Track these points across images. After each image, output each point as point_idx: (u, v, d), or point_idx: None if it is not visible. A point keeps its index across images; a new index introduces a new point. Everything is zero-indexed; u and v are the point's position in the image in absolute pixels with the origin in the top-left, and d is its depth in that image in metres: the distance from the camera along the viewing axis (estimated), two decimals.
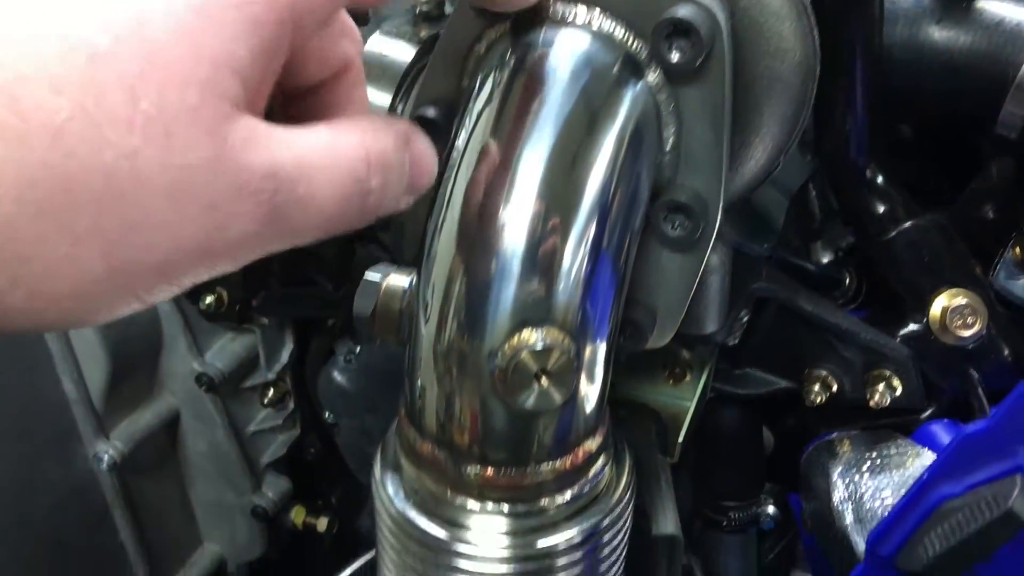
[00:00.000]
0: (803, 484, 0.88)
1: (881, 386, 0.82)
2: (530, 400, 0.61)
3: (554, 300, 0.63)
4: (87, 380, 1.07)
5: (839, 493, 0.80)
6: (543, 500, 0.68)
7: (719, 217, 0.68)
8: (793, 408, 0.95)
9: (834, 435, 0.87)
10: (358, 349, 1.20)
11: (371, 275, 0.69)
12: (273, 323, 1.17)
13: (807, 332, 0.85)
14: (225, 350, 1.18)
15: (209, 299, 1.12)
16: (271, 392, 1.23)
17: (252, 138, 0.40)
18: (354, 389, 1.21)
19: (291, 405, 1.25)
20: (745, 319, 0.91)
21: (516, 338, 0.61)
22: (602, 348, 0.66)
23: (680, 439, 0.86)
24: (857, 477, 0.81)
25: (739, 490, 1.01)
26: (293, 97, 0.49)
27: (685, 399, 0.90)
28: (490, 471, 0.66)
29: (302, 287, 1.12)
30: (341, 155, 0.43)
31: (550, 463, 0.67)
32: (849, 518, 0.78)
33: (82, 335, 1.05)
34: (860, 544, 0.75)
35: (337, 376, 1.22)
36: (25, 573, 1.05)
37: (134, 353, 1.10)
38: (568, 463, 0.67)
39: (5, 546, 1.03)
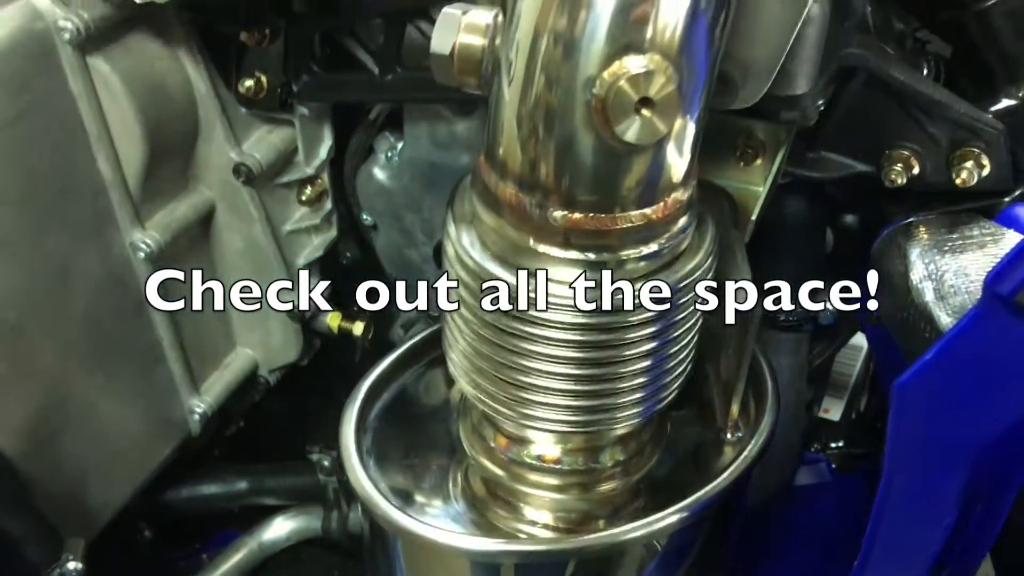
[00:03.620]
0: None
1: (969, 164, 0.79)
2: (631, 131, 0.58)
3: (656, 28, 0.58)
4: (123, 162, 1.03)
5: (918, 272, 0.78)
6: (627, 251, 0.66)
7: None
8: (864, 198, 0.92)
9: (911, 219, 0.84)
10: (399, 145, 1.15)
11: (451, 10, 0.65)
12: (312, 115, 1.12)
13: (894, 107, 0.81)
14: (263, 141, 1.14)
15: (248, 83, 1.07)
16: (308, 190, 1.19)
17: None
18: (395, 186, 1.17)
19: (328, 205, 1.22)
20: (822, 103, 0.87)
21: (617, 64, 0.57)
22: (702, 85, 0.62)
23: (753, 217, 0.83)
24: (937, 257, 0.78)
25: (799, 284, 0.98)
26: None
27: (756, 184, 0.87)
28: (577, 214, 0.63)
29: (346, 71, 1.07)
30: None
31: (639, 209, 0.64)
32: (929, 295, 0.76)
33: (119, 115, 1.00)
34: (943, 318, 0.73)
35: (378, 173, 1.18)
36: (62, 355, 1.04)
37: (171, 136, 1.06)
38: (657, 212, 0.64)
39: (43, 327, 1.01)
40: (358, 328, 1.29)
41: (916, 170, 0.82)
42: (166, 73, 1.03)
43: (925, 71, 0.92)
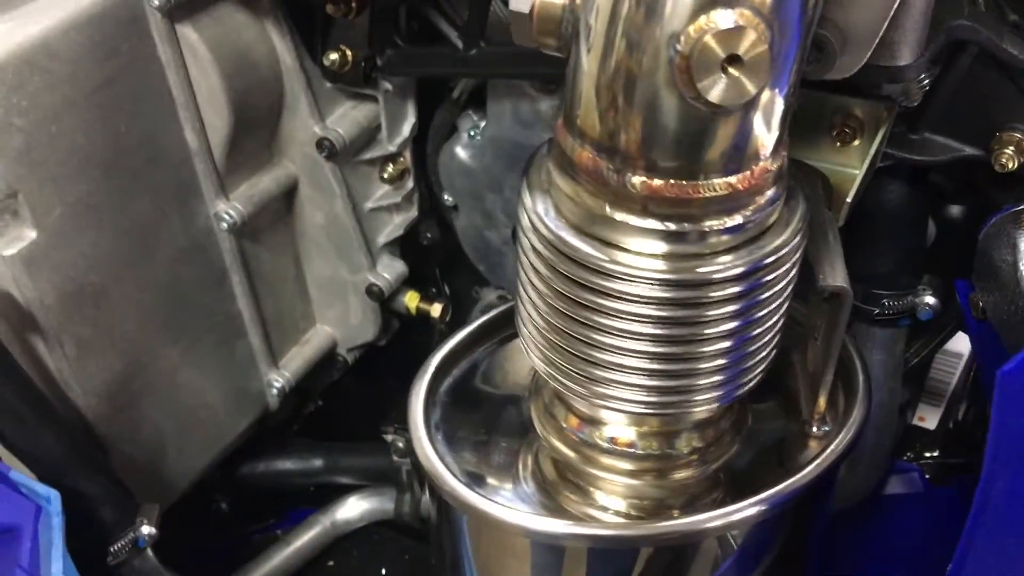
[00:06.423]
0: (979, 261, 0.80)
1: None
2: (716, 90, 0.54)
3: None
4: (209, 132, 1.04)
5: None
6: (709, 222, 0.62)
7: None
8: (971, 184, 0.86)
9: (1022, 207, 0.78)
10: (483, 124, 1.13)
11: None
12: (396, 90, 1.11)
13: (1007, 85, 0.75)
14: (347, 116, 1.13)
15: (333, 56, 1.06)
16: (390, 167, 1.19)
17: None
18: (477, 166, 1.15)
19: (410, 184, 1.21)
20: (927, 82, 0.82)
21: (704, 18, 0.54)
22: (796, 48, 0.58)
23: (849, 199, 0.79)
24: None
25: (897, 276, 0.93)
26: None
27: (852, 166, 0.82)
28: (657, 181, 0.60)
29: (431, 45, 1.06)
30: None
31: (723, 177, 0.60)
32: None
33: (205, 84, 1.01)
34: None
35: (460, 152, 1.16)
36: (144, 321, 1.05)
37: (256, 107, 1.06)
38: (743, 181, 0.61)
39: (126, 293, 1.02)
40: (436, 310, 1.28)
41: None
42: (252, 44, 1.04)
43: None
